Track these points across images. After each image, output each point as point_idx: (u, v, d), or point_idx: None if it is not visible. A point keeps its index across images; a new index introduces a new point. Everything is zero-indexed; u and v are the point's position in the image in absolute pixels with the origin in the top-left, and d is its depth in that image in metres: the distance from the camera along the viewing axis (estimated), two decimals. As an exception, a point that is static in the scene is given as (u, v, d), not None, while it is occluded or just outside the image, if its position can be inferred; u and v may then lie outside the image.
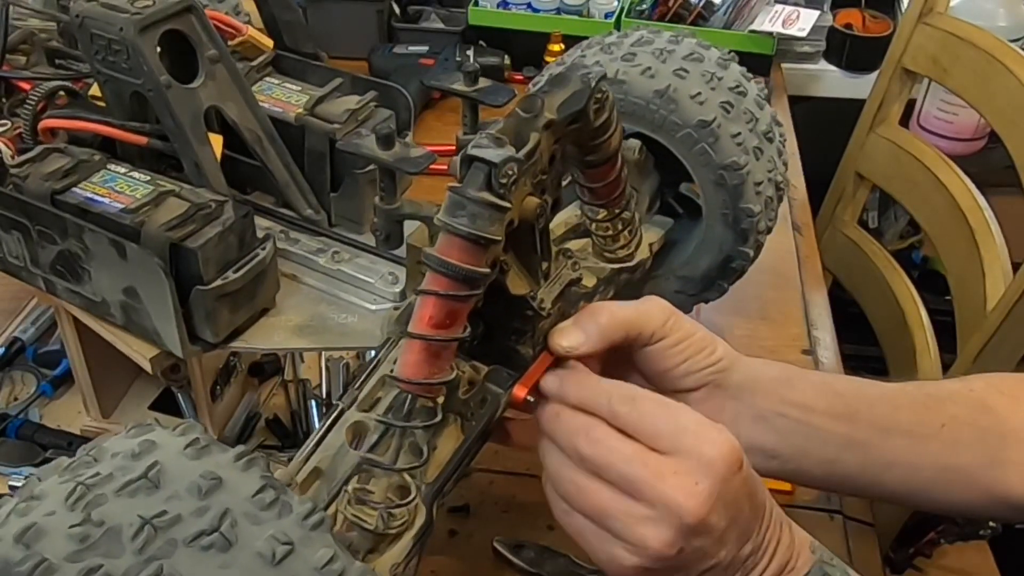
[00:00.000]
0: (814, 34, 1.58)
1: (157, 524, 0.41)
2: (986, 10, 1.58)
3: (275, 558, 0.42)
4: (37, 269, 0.74)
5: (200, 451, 0.46)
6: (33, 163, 0.72)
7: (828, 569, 0.58)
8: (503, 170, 0.52)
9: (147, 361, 0.72)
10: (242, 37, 0.85)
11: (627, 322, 0.62)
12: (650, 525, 0.52)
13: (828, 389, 0.67)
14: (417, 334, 0.54)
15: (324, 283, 0.76)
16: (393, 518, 0.55)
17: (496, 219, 0.53)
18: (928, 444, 0.65)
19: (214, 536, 0.41)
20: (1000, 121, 1.14)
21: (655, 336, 0.62)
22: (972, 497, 0.66)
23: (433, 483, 0.58)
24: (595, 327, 0.61)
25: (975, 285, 1.11)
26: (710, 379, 0.64)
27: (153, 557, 0.41)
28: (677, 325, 0.63)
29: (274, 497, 0.44)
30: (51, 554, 0.41)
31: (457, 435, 0.61)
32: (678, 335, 0.63)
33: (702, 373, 0.64)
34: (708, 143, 0.78)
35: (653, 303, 0.63)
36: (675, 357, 0.63)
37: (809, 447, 0.65)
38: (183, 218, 0.67)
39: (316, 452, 0.58)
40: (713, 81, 0.79)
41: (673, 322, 0.63)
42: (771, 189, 0.83)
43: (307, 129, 0.78)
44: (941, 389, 0.70)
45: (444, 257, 0.53)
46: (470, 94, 0.74)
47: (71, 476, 0.45)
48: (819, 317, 1.10)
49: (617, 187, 0.70)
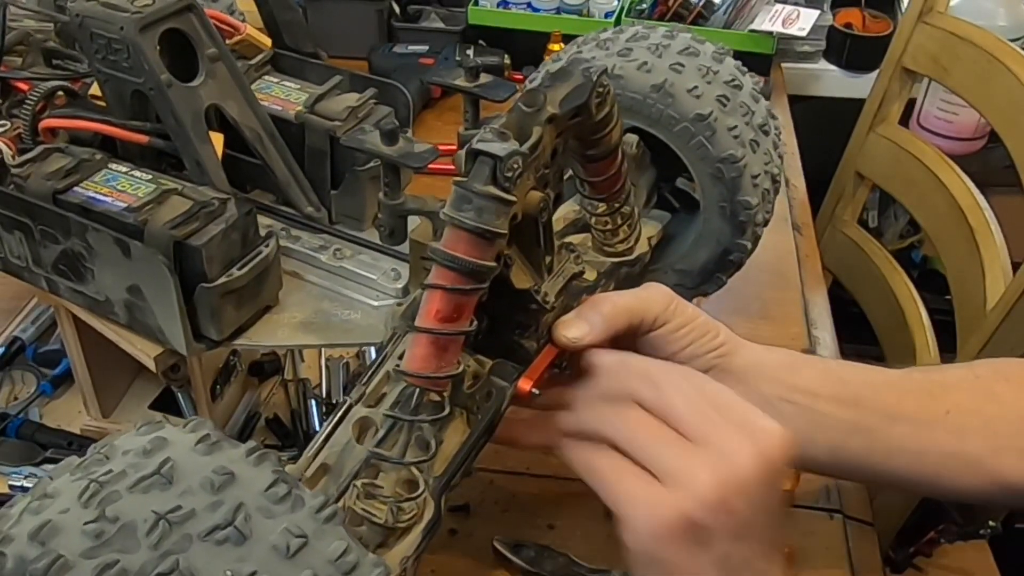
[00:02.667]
0: (814, 34, 1.58)
1: (172, 519, 0.41)
2: (986, 10, 1.57)
3: (290, 551, 0.42)
4: (39, 269, 0.74)
5: (211, 447, 0.46)
6: (34, 163, 0.72)
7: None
8: (508, 164, 0.52)
9: (151, 360, 0.72)
10: (240, 36, 0.85)
11: (630, 309, 0.62)
12: (707, 464, 0.52)
13: (832, 375, 0.67)
14: (424, 328, 0.54)
15: (326, 280, 0.76)
16: (402, 512, 0.55)
17: (502, 213, 0.53)
18: (933, 430, 0.65)
19: (228, 530, 0.41)
20: (1000, 121, 1.14)
21: (658, 321, 0.63)
22: (979, 484, 0.66)
23: (441, 477, 0.58)
24: (598, 316, 0.61)
25: (975, 284, 1.11)
26: (714, 363, 0.64)
27: (169, 552, 0.41)
28: (679, 310, 0.63)
29: (287, 491, 0.44)
30: (66, 551, 0.41)
31: (463, 429, 0.61)
32: (680, 319, 0.63)
33: (706, 357, 0.64)
34: (705, 137, 0.78)
35: (654, 289, 0.64)
36: (679, 341, 0.63)
37: (815, 432, 0.65)
38: (187, 216, 0.67)
39: (324, 449, 0.58)
40: (709, 75, 0.80)
41: (675, 307, 0.63)
42: (768, 181, 0.84)
43: (307, 127, 0.79)
44: (946, 376, 0.70)
45: (451, 251, 0.53)
46: (472, 90, 0.74)
47: (84, 474, 0.45)
48: (819, 317, 1.10)
49: (617, 181, 0.70)
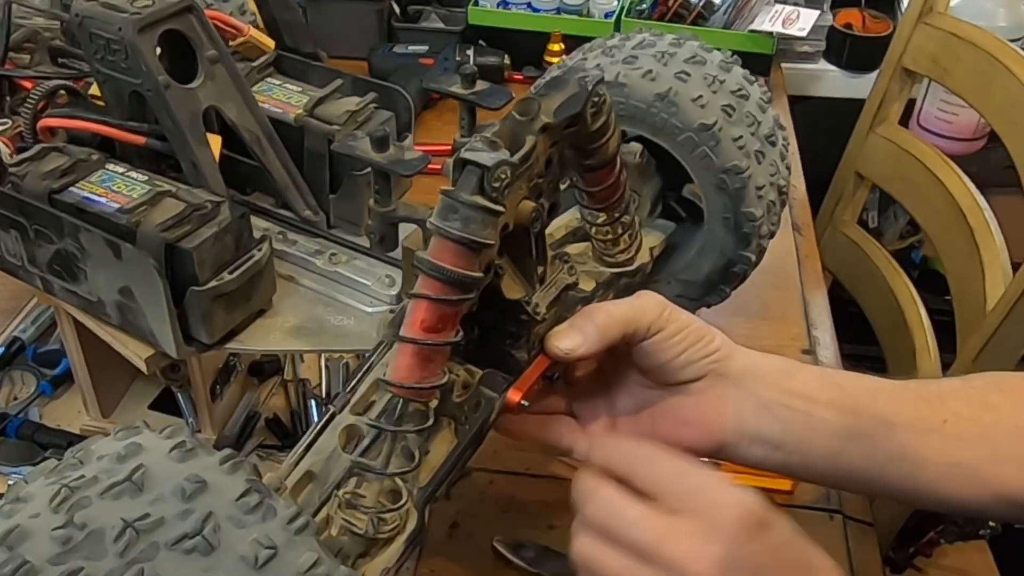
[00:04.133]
0: (814, 34, 1.58)
1: (140, 527, 0.41)
2: (986, 10, 1.57)
3: (258, 562, 0.41)
4: (34, 268, 0.74)
5: (186, 454, 0.45)
6: (31, 162, 0.72)
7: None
8: (496, 174, 0.52)
9: (142, 361, 0.72)
10: (243, 37, 0.85)
11: (624, 318, 0.61)
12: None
13: (829, 381, 0.66)
14: (409, 338, 0.54)
15: (321, 285, 0.76)
16: (384, 522, 0.54)
17: (489, 223, 0.52)
18: (931, 439, 0.64)
19: (196, 540, 0.41)
20: (1000, 121, 1.13)
21: (651, 329, 0.62)
22: (978, 495, 0.65)
23: (425, 487, 0.58)
24: (592, 327, 0.60)
25: (975, 285, 1.11)
26: (710, 368, 0.64)
27: (135, 560, 0.40)
28: (673, 317, 0.63)
29: (258, 500, 0.44)
30: (33, 556, 0.41)
31: (450, 439, 0.60)
32: (675, 326, 0.63)
33: (701, 363, 0.63)
34: (709, 147, 0.78)
35: (647, 297, 0.63)
36: (673, 348, 0.63)
37: (813, 438, 0.64)
38: (179, 218, 0.67)
39: (308, 455, 0.57)
40: (715, 84, 0.79)
41: (669, 313, 0.62)
42: (773, 193, 0.83)
43: (306, 130, 0.78)
44: (942, 386, 0.69)
45: (436, 261, 0.52)
46: (467, 97, 0.73)
47: (57, 478, 0.45)
48: (819, 317, 1.10)
49: (616, 191, 0.69)
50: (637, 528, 0.52)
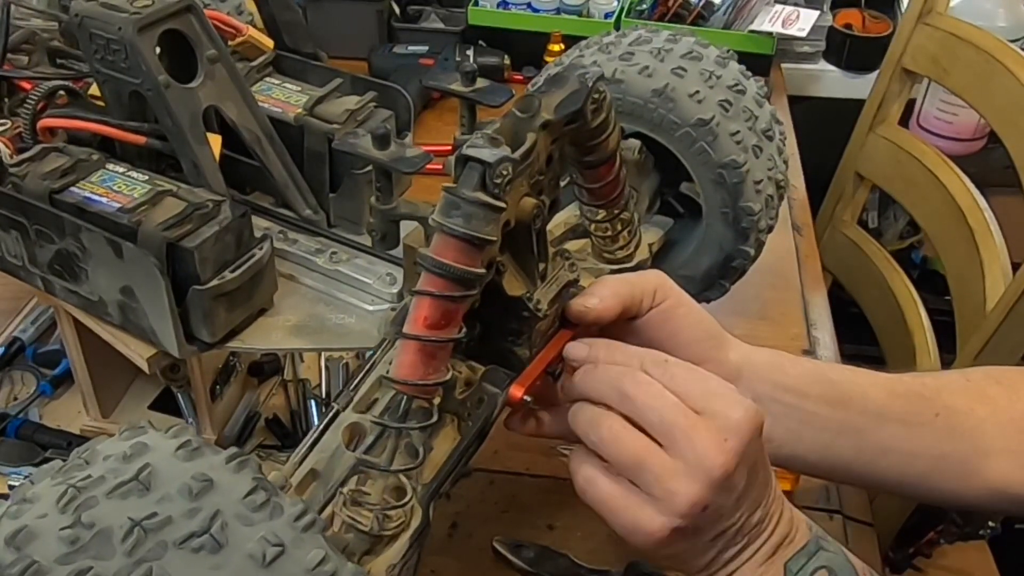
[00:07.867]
0: (814, 34, 1.58)
1: (147, 526, 0.41)
2: (986, 10, 1.57)
3: (266, 559, 0.42)
4: (35, 268, 0.74)
5: (192, 453, 0.45)
6: (32, 162, 0.72)
7: (824, 544, 0.59)
8: (498, 170, 0.52)
9: (144, 361, 0.72)
10: (242, 37, 0.85)
11: (632, 282, 0.63)
12: (681, 478, 0.53)
13: (821, 376, 0.67)
14: (412, 335, 0.54)
15: (322, 283, 0.76)
16: (389, 519, 0.54)
17: (491, 219, 0.53)
18: (922, 432, 0.65)
19: (204, 538, 0.41)
20: (1000, 121, 1.14)
21: (657, 296, 0.63)
22: (969, 488, 0.66)
23: (429, 484, 0.58)
24: (607, 288, 0.62)
25: (975, 285, 1.11)
26: (710, 354, 0.65)
27: (143, 559, 0.41)
28: (675, 290, 0.65)
29: (265, 498, 0.44)
30: (41, 556, 0.41)
31: (454, 436, 0.61)
32: (677, 298, 0.64)
33: (703, 346, 0.65)
34: (707, 142, 0.78)
35: (648, 271, 0.65)
36: (679, 320, 0.64)
37: (803, 432, 0.66)
38: (180, 218, 0.67)
39: (312, 454, 0.57)
40: (711, 79, 0.79)
41: (671, 285, 0.65)
42: (771, 187, 0.83)
43: (306, 129, 0.78)
44: (938, 380, 0.70)
45: (439, 258, 0.53)
46: (468, 94, 0.73)
47: (63, 479, 0.45)
48: (819, 317, 1.10)
49: (616, 187, 0.70)
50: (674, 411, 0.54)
